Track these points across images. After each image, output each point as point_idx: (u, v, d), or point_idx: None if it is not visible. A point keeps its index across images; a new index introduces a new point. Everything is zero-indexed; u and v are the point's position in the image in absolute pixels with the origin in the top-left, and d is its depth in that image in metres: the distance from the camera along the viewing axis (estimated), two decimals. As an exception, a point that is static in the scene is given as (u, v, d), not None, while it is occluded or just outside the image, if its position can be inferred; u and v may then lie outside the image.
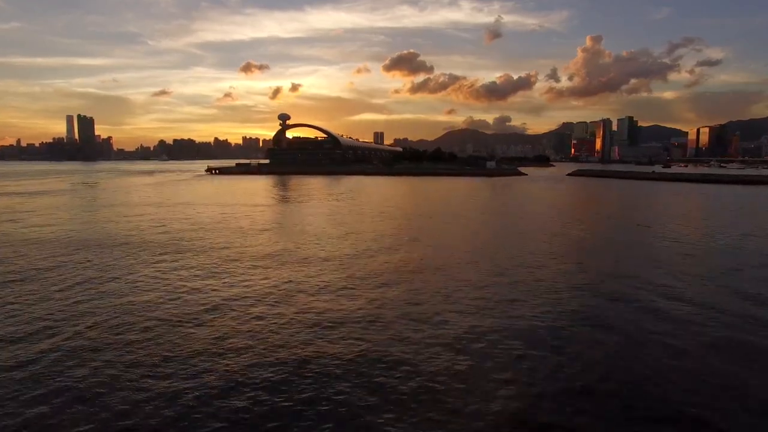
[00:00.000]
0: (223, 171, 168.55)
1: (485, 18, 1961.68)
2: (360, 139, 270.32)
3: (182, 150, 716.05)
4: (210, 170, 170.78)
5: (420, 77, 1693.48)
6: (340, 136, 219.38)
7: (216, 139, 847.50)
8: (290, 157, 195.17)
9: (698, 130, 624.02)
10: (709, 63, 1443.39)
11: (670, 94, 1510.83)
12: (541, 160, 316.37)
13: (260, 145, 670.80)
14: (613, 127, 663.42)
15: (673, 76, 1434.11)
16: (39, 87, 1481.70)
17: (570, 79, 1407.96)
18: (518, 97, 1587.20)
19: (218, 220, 46.39)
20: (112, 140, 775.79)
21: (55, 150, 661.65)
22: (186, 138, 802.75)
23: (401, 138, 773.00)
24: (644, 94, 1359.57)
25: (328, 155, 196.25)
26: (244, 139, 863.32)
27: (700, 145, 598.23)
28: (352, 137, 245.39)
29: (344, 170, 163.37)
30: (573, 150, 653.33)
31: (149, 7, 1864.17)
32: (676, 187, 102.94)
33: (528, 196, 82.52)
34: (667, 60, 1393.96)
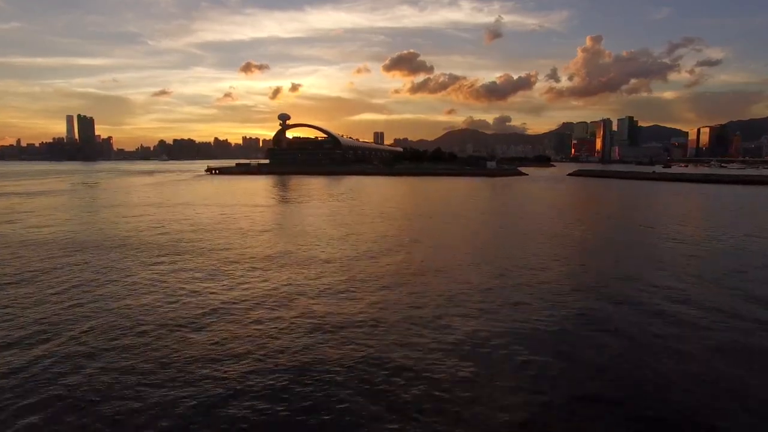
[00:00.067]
0: (223, 171, 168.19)
1: (485, 18, 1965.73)
2: (360, 139, 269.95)
3: (182, 150, 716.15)
4: (210, 170, 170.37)
5: (420, 77, 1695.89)
6: (340, 136, 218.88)
7: (216, 139, 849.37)
8: (290, 157, 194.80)
9: (698, 130, 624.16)
10: (709, 63, 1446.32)
11: (670, 94, 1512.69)
12: (541, 160, 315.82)
13: (260, 145, 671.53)
14: (614, 127, 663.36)
15: (673, 76, 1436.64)
16: (39, 87, 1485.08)
17: (570, 79, 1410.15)
18: (518, 97, 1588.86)
19: (218, 221, 46.06)
20: (112, 140, 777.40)
21: (55, 150, 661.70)
22: (186, 138, 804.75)
23: (401, 138, 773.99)
24: (644, 94, 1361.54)
25: (328, 155, 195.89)
26: (244, 139, 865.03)
27: (701, 145, 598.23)
28: (352, 137, 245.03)
29: (344, 170, 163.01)
30: (573, 150, 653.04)
31: (149, 7, 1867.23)
32: (677, 188, 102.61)
33: (529, 196, 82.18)
34: (667, 60, 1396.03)
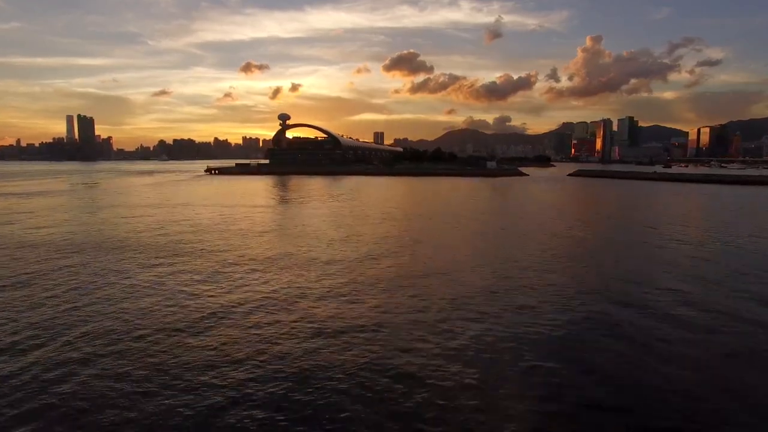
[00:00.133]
0: (223, 171, 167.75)
1: (485, 18, 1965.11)
2: (360, 139, 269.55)
3: (182, 150, 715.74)
4: (209, 170, 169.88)
5: (420, 77, 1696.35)
6: (340, 136, 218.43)
7: (216, 139, 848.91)
8: (290, 157, 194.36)
9: (699, 130, 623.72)
10: (709, 63, 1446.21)
11: (670, 94, 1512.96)
12: (541, 160, 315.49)
13: (260, 145, 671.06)
14: (614, 127, 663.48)
15: (673, 76, 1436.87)
16: (39, 87, 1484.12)
17: (570, 79, 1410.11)
18: (518, 97, 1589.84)
19: (217, 221, 45.70)
20: (112, 140, 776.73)
21: (55, 150, 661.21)
22: (186, 138, 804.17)
23: (401, 138, 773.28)
24: (644, 94, 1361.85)
25: (328, 155, 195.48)
26: (244, 139, 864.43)
27: (701, 146, 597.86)
28: (352, 137, 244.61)
29: (344, 170, 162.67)
30: (573, 150, 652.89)
31: (149, 7, 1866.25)
32: (677, 188, 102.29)
33: (530, 196, 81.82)
34: (667, 60, 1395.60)
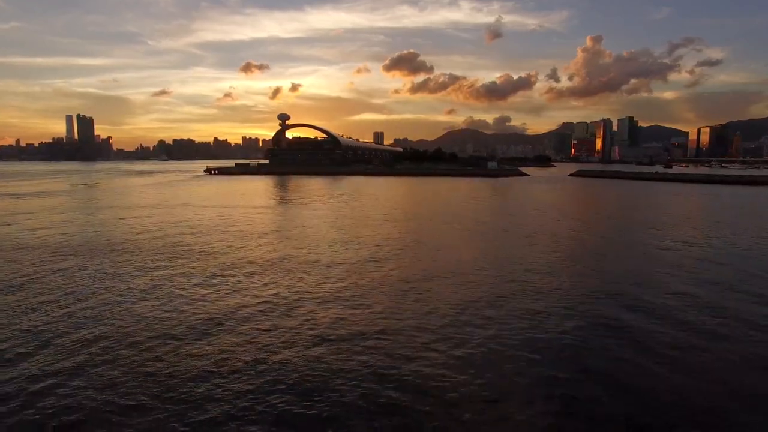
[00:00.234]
0: (222, 171, 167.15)
1: (485, 18, 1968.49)
2: (360, 139, 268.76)
3: (182, 150, 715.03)
4: (209, 171, 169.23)
5: (420, 77, 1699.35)
6: (340, 136, 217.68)
7: (216, 139, 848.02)
8: (290, 157, 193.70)
9: (699, 130, 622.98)
10: (709, 63, 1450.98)
11: (670, 94, 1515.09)
12: (541, 160, 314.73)
13: (260, 145, 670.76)
14: (614, 127, 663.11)
15: (673, 76, 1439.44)
16: (39, 87, 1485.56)
17: (570, 79, 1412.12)
18: (518, 97, 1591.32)
19: (216, 223, 45.15)
20: (112, 140, 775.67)
21: (55, 150, 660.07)
22: (186, 138, 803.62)
23: (401, 138, 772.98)
24: (644, 94, 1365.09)
25: (328, 155, 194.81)
26: (243, 139, 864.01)
27: (701, 146, 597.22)
28: (352, 137, 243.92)
29: (344, 170, 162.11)
30: (573, 150, 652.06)
31: (149, 6, 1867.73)
32: (679, 188, 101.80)
33: (532, 197, 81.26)
34: (667, 60, 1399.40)
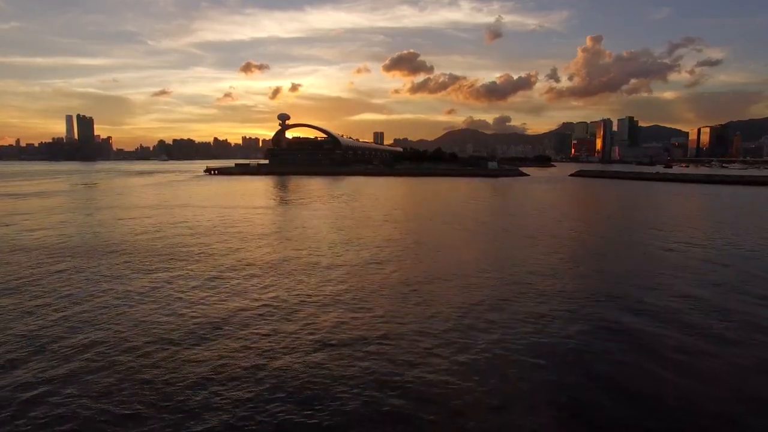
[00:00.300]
0: (222, 171, 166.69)
1: (485, 18, 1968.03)
2: (360, 139, 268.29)
3: (182, 150, 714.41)
4: (209, 171, 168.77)
5: (420, 77, 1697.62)
6: (340, 136, 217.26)
7: (215, 139, 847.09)
8: (290, 157, 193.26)
9: (699, 130, 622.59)
10: (709, 63, 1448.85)
11: (670, 94, 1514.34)
12: (542, 160, 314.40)
13: (260, 145, 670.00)
14: (614, 127, 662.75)
15: (673, 76, 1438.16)
16: (38, 87, 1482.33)
17: (570, 79, 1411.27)
18: (518, 97, 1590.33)
19: (216, 224, 44.76)
20: (112, 140, 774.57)
21: (55, 150, 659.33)
22: (185, 138, 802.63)
23: (401, 138, 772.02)
24: (644, 94, 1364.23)
25: (328, 155, 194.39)
26: (243, 139, 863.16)
27: (701, 146, 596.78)
28: (352, 137, 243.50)
29: (344, 171, 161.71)
30: (573, 150, 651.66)
31: (148, 6, 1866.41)
32: (680, 188, 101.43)
33: (533, 197, 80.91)
34: (667, 60, 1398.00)
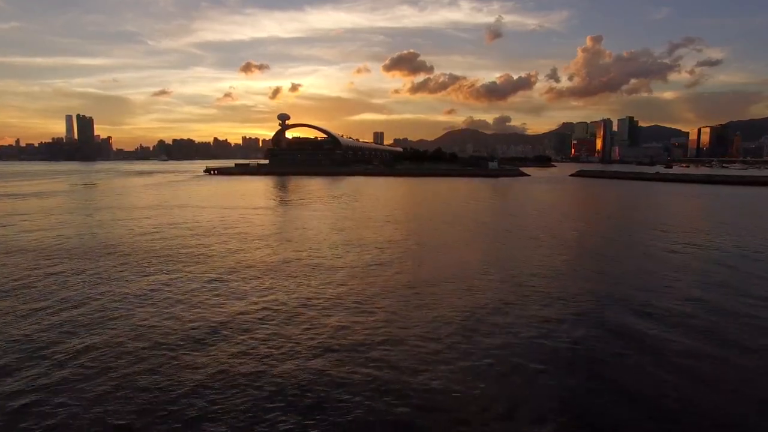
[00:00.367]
0: (222, 171, 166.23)
1: (485, 18, 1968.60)
2: (360, 139, 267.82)
3: (181, 150, 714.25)
4: (208, 171, 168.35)
5: (420, 77, 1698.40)
6: (340, 136, 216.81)
7: (215, 139, 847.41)
8: (290, 157, 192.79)
9: (699, 130, 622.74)
10: (709, 63, 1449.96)
11: (670, 94, 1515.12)
12: (542, 160, 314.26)
13: (260, 145, 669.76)
14: (614, 127, 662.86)
15: (673, 76, 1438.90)
16: (38, 87, 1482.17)
17: (570, 79, 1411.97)
18: (518, 97, 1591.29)
19: (216, 224, 44.36)
20: (112, 140, 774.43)
21: (54, 150, 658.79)
22: (185, 138, 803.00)
23: (401, 138, 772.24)
24: (644, 94, 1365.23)
25: (328, 155, 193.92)
26: (243, 139, 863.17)
27: (701, 146, 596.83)
28: (352, 137, 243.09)
29: (344, 171, 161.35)
30: (573, 150, 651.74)
31: (148, 6, 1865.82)
32: (681, 189, 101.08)
33: (534, 198, 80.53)
34: (667, 60, 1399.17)
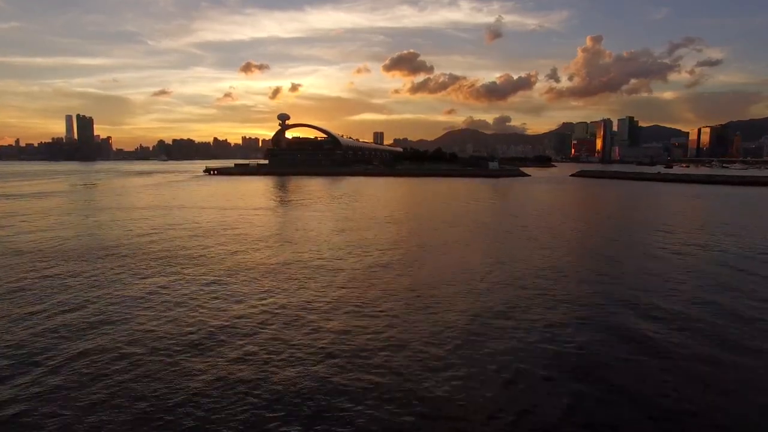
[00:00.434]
0: (222, 171, 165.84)
1: (485, 18, 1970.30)
2: (360, 139, 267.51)
3: (181, 150, 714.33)
4: (208, 171, 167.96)
5: (420, 77, 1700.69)
6: (340, 136, 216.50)
7: (215, 139, 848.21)
8: (290, 157, 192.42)
9: (699, 130, 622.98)
10: (709, 63, 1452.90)
11: (670, 94, 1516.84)
12: (542, 160, 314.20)
13: (260, 145, 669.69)
14: (614, 127, 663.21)
15: (673, 76, 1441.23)
16: (38, 87, 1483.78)
17: (570, 79, 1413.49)
18: (518, 97, 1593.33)
19: (215, 225, 44.03)
20: (111, 140, 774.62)
21: (54, 150, 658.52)
22: (185, 138, 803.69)
23: (401, 138, 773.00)
24: (644, 94, 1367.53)
25: (328, 155, 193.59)
26: (243, 139, 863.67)
27: (701, 146, 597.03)
28: (352, 137, 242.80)
29: (345, 171, 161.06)
30: (573, 150, 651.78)
31: (149, 6, 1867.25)
32: (682, 189, 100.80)
33: (534, 198, 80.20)
34: (667, 60, 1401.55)
